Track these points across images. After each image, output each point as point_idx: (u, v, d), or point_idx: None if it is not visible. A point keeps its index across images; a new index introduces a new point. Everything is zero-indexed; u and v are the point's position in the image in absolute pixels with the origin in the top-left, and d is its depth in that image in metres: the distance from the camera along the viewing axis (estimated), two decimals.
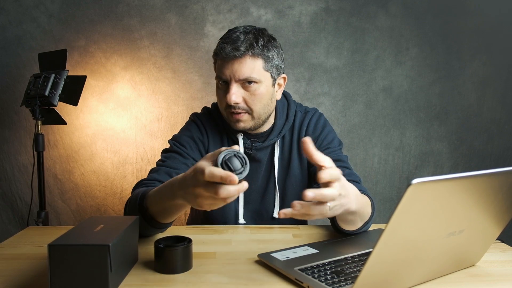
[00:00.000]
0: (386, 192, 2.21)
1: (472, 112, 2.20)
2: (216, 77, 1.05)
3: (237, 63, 1.00)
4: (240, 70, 1.00)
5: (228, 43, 1.00)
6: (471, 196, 0.60)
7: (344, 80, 2.13)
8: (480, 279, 0.73)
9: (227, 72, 1.01)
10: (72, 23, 2.02)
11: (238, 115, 1.04)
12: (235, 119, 1.05)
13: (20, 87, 1.99)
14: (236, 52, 0.99)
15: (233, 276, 0.73)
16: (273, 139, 1.13)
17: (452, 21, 2.14)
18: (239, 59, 0.99)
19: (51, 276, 0.62)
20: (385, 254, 0.57)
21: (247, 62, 1.00)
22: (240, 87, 1.02)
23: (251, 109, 1.04)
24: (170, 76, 2.07)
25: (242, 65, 1.00)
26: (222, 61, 1.02)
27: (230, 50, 0.99)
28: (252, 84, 1.01)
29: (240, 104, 1.02)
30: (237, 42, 0.99)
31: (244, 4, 2.06)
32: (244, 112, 1.04)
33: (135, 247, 0.79)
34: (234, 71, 1.00)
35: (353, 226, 0.89)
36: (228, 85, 1.02)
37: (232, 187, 0.61)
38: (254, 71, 1.01)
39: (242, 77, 1.00)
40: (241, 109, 1.03)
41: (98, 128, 2.07)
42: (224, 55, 1.00)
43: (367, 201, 0.89)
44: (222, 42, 1.02)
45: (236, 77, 1.00)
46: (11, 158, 2.07)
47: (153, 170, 1.05)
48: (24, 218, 2.07)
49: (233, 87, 1.01)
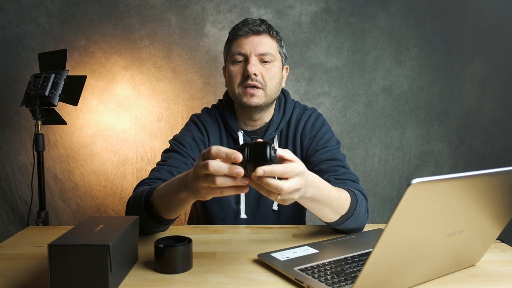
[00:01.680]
0: (386, 192, 2.21)
1: (472, 112, 2.20)
2: (233, 54, 1.10)
3: (257, 38, 1.09)
4: (260, 44, 1.08)
5: (249, 23, 1.09)
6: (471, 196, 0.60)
7: (344, 80, 2.14)
8: (480, 279, 0.73)
9: (247, 47, 1.08)
10: (72, 23, 2.02)
11: (253, 89, 1.08)
12: (249, 93, 1.08)
13: (20, 87, 1.99)
14: (259, 27, 1.08)
15: (233, 276, 0.73)
16: (272, 134, 1.16)
17: (452, 21, 2.14)
18: (259, 35, 1.09)
19: (51, 276, 0.62)
20: (385, 254, 0.57)
21: (267, 39, 1.10)
22: (258, 62, 1.08)
23: (266, 84, 1.09)
24: (170, 76, 2.07)
25: (263, 41, 1.09)
26: (241, 38, 1.09)
27: (252, 26, 1.08)
28: (268, 62, 1.09)
29: (258, 77, 1.07)
30: (257, 21, 1.10)
31: (244, 4, 2.06)
32: (259, 87, 1.08)
33: (135, 247, 0.79)
34: (255, 45, 1.08)
35: (326, 218, 0.89)
36: (245, 61, 1.09)
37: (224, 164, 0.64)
38: (272, 48, 1.10)
39: (262, 51, 1.08)
40: (258, 82, 1.08)
41: (98, 128, 2.07)
42: (248, 30, 1.08)
43: (342, 195, 0.89)
44: (242, 24, 1.10)
45: (256, 50, 1.08)
46: (11, 158, 2.07)
47: (154, 169, 1.06)
48: (24, 218, 2.07)
49: (253, 59, 1.07)
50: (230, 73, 1.11)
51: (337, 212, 0.89)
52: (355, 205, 0.92)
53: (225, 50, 1.17)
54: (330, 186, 0.85)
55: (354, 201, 0.92)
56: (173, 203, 0.82)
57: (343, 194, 0.90)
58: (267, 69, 1.09)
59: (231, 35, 1.12)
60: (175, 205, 0.82)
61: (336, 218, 0.90)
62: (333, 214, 0.89)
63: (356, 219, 0.93)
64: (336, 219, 0.90)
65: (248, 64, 1.07)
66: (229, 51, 1.12)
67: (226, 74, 1.15)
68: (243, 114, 1.16)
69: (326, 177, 1.02)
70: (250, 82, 1.07)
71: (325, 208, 0.85)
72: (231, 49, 1.11)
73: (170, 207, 0.84)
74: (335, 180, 1.01)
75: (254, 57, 1.07)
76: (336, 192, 0.87)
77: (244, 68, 1.08)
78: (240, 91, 1.09)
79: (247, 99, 1.08)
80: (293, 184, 0.67)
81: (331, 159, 1.09)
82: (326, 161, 1.09)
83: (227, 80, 1.15)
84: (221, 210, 1.15)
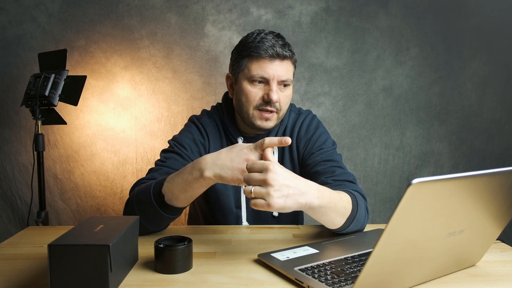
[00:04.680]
0: (386, 192, 2.21)
1: (472, 112, 2.20)
2: (253, 76, 1.05)
3: (281, 64, 1.04)
4: (283, 71, 1.05)
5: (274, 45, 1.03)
6: (471, 196, 0.60)
7: (344, 80, 2.13)
8: (480, 279, 0.73)
9: (270, 72, 1.04)
10: (72, 23, 2.02)
11: (270, 114, 1.07)
12: (265, 118, 1.07)
13: (20, 87, 1.99)
14: (285, 52, 1.04)
15: (233, 276, 0.73)
16: None
17: (452, 21, 2.14)
18: (283, 61, 1.05)
19: (51, 276, 0.62)
20: (385, 254, 0.57)
21: (289, 65, 1.07)
22: (277, 87, 1.06)
23: (280, 109, 1.08)
24: (170, 76, 2.07)
25: (285, 67, 1.05)
26: (265, 61, 1.04)
27: (279, 50, 1.03)
28: (285, 86, 1.07)
29: (276, 103, 1.06)
30: (280, 42, 1.04)
31: (244, 4, 2.06)
32: (275, 112, 1.07)
33: (135, 247, 0.79)
34: (279, 72, 1.04)
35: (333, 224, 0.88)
36: (265, 85, 1.06)
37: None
38: (290, 74, 1.08)
39: (283, 78, 1.05)
40: (275, 108, 1.06)
41: (98, 128, 2.07)
42: (274, 55, 1.03)
43: (343, 197, 0.88)
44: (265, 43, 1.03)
45: (278, 77, 1.04)
46: (11, 158, 2.07)
47: (153, 169, 1.04)
48: (24, 218, 2.07)
49: (274, 86, 1.04)
50: (247, 93, 1.06)
51: (343, 215, 0.88)
52: (356, 206, 0.91)
53: (236, 61, 1.09)
54: (329, 190, 0.84)
55: (355, 203, 0.92)
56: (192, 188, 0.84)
57: (344, 195, 0.89)
58: (283, 94, 1.07)
59: (251, 52, 1.04)
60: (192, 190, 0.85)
61: (342, 222, 0.89)
62: (339, 218, 0.87)
63: (358, 221, 0.92)
64: (342, 222, 0.89)
65: (271, 91, 1.03)
66: (245, 67, 1.06)
67: (240, 92, 1.08)
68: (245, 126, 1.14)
69: (323, 179, 1.02)
70: (269, 108, 1.05)
71: (332, 212, 0.84)
72: (250, 67, 1.05)
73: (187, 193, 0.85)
74: (333, 181, 1.01)
75: (275, 84, 1.05)
76: (337, 194, 0.86)
77: (264, 92, 1.05)
78: (255, 114, 1.07)
79: (262, 123, 1.07)
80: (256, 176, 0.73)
81: (327, 160, 1.09)
82: (322, 163, 1.08)
83: (240, 98, 1.08)
84: (222, 215, 1.15)
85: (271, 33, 1.06)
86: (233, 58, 1.12)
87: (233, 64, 1.11)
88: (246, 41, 1.07)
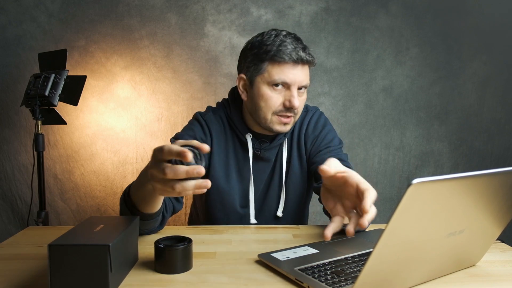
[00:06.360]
0: (386, 192, 2.21)
1: (472, 112, 2.20)
2: (275, 80, 1.02)
3: (302, 69, 1.03)
4: (304, 76, 1.03)
5: (296, 49, 1.00)
6: (471, 196, 0.60)
7: (344, 80, 2.13)
8: (480, 279, 0.73)
9: (292, 77, 1.01)
10: (72, 23, 2.02)
11: (289, 119, 1.05)
12: (284, 122, 1.06)
13: (20, 87, 1.99)
14: (307, 56, 1.01)
15: (233, 276, 0.73)
16: (281, 139, 1.14)
17: (452, 21, 2.14)
18: (303, 66, 1.03)
19: (51, 276, 0.62)
20: (385, 254, 0.57)
21: (308, 70, 1.06)
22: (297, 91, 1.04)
23: (298, 113, 1.07)
24: (170, 76, 2.07)
25: (305, 72, 1.04)
26: (287, 65, 1.01)
27: (303, 55, 1.00)
28: (303, 89, 1.06)
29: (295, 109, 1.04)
30: (300, 45, 1.02)
31: (244, 4, 2.06)
32: (292, 116, 1.06)
33: (135, 247, 0.79)
34: (301, 77, 1.02)
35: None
36: (285, 89, 1.03)
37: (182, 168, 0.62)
38: (308, 78, 1.06)
39: (304, 83, 1.04)
40: (293, 114, 1.05)
41: (98, 128, 2.07)
42: (297, 59, 1.00)
43: None
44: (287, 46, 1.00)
45: (299, 82, 1.03)
46: (11, 158, 2.07)
47: None
48: (24, 218, 2.07)
49: (295, 91, 1.03)
50: (267, 98, 1.03)
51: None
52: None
53: (254, 64, 1.04)
54: None
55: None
56: (145, 197, 0.81)
57: None
58: (301, 98, 1.06)
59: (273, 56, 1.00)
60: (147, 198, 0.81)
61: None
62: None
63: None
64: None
65: (292, 97, 1.01)
66: (265, 71, 1.02)
67: (258, 96, 1.05)
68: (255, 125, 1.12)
69: None
70: (289, 114, 1.04)
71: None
72: (271, 71, 1.01)
73: (144, 200, 0.82)
74: None
75: (296, 89, 1.03)
76: None
77: (286, 98, 1.03)
78: (274, 119, 1.05)
79: (280, 127, 1.06)
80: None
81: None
82: None
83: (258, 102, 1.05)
84: (224, 215, 1.15)
85: (289, 35, 1.03)
86: (248, 60, 1.06)
87: (248, 66, 1.06)
88: (264, 43, 1.02)
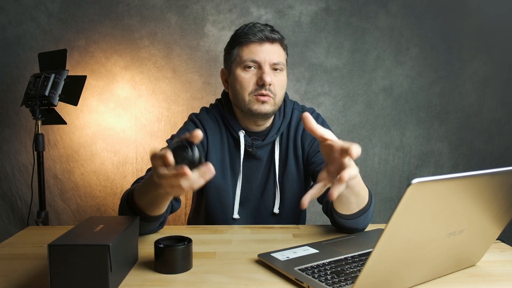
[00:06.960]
0: (386, 192, 2.21)
1: (472, 112, 2.20)
2: (245, 61, 1.06)
3: (271, 47, 1.06)
4: (274, 54, 1.06)
5: (262, 30, 1.06)
6: (471, 196, 0.60)
7: (344, 80, 2.13)
8: (480, 279, 0.73)
9: (261, 55, 1.05)
10: (72, 23, 2.02)
11: (265, 97, 1.06)
12: (261, 101, 1.07)
13: (20, 87, 1.99)
14: (273, 35, 1.06)
15: (233, 276, 0.73)
16: (273, 137, 1.15)
17: (452, 21, 2.14)
18: (272, 44, 1.07)
19: (51, 276, 0.62)
20: (385, 254, 0.57)
21: (279, 48, 1.09)
22: (270, 71, 1.06)
23: (276, 94, 1.08)
24: (170, 76, 2.07)
25: (276, 50, 1.07)
26: (254, 44, 1.06)
27: (267, 33, 1.05)
28: (278, 71, 1.08)
29: (271, 86, 1.06)
30: (268, 28, 1.07)
31: (244, 4, 2.06)
32: (270, 96, 1.07)
33: (135, 247, 0.79)
34: (270, 54, 1.06)
35: (349, 209, 0.90)
36: (257, 69, 1.06)
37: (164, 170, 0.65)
38: (282, 57, 1.09)
39: (275, 61, 1.06)
40: (270, 92, 1.06)
41: (98, 128, 2.07)
42: (262, 38, 1.05)
43: (365, 187, 0.90)
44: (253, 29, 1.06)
45: (270, 60, 1.06)
46: (11, 158, 2.07)
47: (150, 169, 1.05)
48: (24, 218, 2.07)
49: (267, 68, 1.05)
50: (241, 79, 1.07)
51: (362, 203, 0.90)
52: (370, 202, 0.93)
53: (229, 53, 1.11)
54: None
55: (370, 198, 0.93)
56: (153, 201, 0.83)
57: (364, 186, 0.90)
58: (277, 78, 1.07)
59: (241, 39, 1.07)
60: (157, 201, 0.83)
61: (356, 210, 0.91)
62: (356, 205, 0.90)
63: (366, 217, 0.93)
64: (356, 211, 0.91)
65: (264, 73, 1.04)
66: (237, 56, 1.08)
67: (234, 81, 1.09)
68: (245, 119, 1.14)
69: None
70: (264, 92, 1.05)
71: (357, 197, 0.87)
72: (241, 54, 1.07)
73: (151, 204, 0.84)
74: None
75: (268, 66, 1.05)
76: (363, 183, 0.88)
77: (258, 76, 1.06)
78: (251, 99, 1.07)
79: (258, 107, 1.07)
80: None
81: None
82: None
83: (235, 86, 1.09)
84: (223, 212, 1.15)
85: (259, 23, 1.09)
86: (225, 53, 1.14)
87: (225, 58, 1.13)
88: (236, 33, 1.11)
